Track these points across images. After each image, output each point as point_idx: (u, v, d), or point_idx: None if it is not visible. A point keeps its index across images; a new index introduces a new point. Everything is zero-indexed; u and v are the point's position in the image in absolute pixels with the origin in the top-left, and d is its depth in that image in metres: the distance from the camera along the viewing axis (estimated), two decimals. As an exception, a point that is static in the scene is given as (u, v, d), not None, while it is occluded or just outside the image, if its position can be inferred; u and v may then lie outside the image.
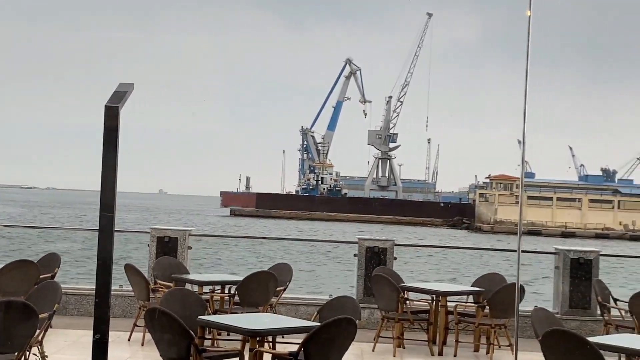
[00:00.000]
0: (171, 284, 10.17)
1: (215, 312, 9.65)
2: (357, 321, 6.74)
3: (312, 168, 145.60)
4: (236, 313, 9.40)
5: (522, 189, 7.33)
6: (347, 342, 6.60)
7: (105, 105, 5.42)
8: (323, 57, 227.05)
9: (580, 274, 11.66)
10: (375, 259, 11.86)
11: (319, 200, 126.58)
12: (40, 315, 6.68)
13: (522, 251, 7.73)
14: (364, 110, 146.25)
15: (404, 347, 10.20)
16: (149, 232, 12.14)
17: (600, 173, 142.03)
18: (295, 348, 6.50)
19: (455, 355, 9.92)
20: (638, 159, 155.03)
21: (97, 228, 5.36)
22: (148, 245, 12.05)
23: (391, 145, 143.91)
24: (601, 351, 6.26)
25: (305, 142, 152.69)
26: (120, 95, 5.59)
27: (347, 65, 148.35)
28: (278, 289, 10.35)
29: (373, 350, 9.97)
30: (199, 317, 7.24)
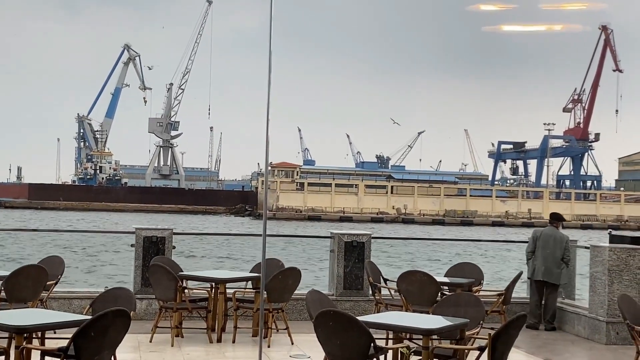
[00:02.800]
0: None
1: (-21, 310, 9.04)
2: (131, 312, 6.59)
3: (89, 157, 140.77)
4: (2, 310, 8.86)
5: (266, 176, 7.46)
6: (120, 334, 6.43)
7: None
8: (101, 42, 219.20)
9: (353, 256, 12.16)
10: (153, 248, 11.66)
11: (97, 190, 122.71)
12: None
13: (302, 236, 7.92)
14: (144, 98, 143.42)
15: (182, 337, 10.13)
16: None
17: (375, 160, 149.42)
18: (64, 343, 6.24)
19: (233, 342, 9.99)
20: (409, 146, 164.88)
21: None
22: None
23: (173, 133, 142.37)
24: (370, 329, 6.56)
25: (82, 130, 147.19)
26: None
27: (126, 50, 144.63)
28: (49, 282, 9.88)
29: (151, 341, 9.80)
30: (-42, 316, 6.74)
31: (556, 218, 12.53)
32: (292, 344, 9.98)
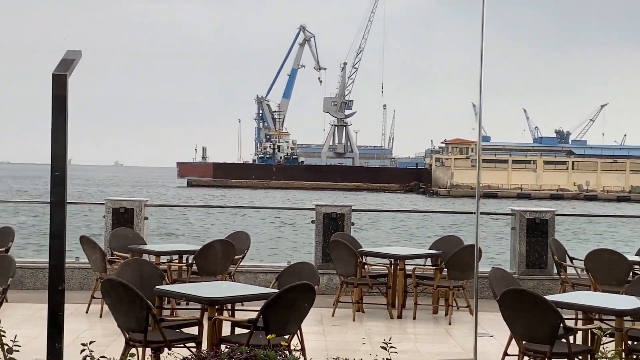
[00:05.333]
0: (128, 255, 10.06)
1: (173, 282, 9.57)
2: (315, 287, 6.73)
3: (268, 137, 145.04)
4: (194, 282, 9.34)
5: (479, 152, 7.35)
6: (306, 308, 6.59)
7: (53, 74, 5.28)
8: (277, 25, 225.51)
9: (536, 233, 11.80)
10: (332, 225, 11.86)
11: (275, 169, 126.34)
12: (-7, 290, 6.56)
13: (480, 213, 7.78)
14: (319, 78, 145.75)
15: (363, 312, 10.26)
16: (104, 204, 11.97)
17: (554, 135, 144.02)
18: (254, 315, 6.47)
19: (414, 318, 10.00)
20: (591, 120, 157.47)
21: (49, 200, 5.25)
22: (104, 216, 11.89)
23: (347, 112, 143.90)
24: (558, 309, 6.34)
25: (260, 111, 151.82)
26: (67, 63, 5.45)
27: (301, 32, 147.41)
28: (236, 257, 10.31)
29: (333, 315, 10.00)
30: (157, 287, 7.16)
31: None
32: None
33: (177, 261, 10.55)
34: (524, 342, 6.54)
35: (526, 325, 6.43)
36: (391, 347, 4.94)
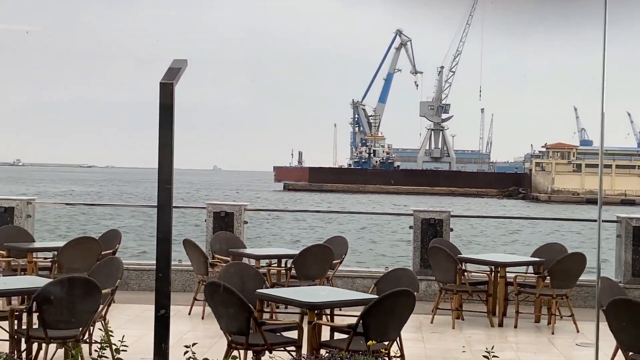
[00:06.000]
0: (229, 258, 10.25)
1: (272, 286, 9.70)
2: (415, 293, 6.70)
3: (364, 141, 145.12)
4: (293, 286, 9.43)
5: (601, 157, 7.14)
6: (406, 314, 6.57)
7: (160, 82, 5.43)
8: (373, 29, 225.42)
9: (643, 242, 11.40)
10: (431, 230, 11.77)
11: (371, 173, 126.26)
12: (103, 291, 6.79)
13: (584, 220, 7.57)
14: (415, 82, 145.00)
15: (462, 319, 10.14)
16: (205, 208, 12.24)
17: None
18: (352, 320, 6.49)
19: (515, 327, 9.81)
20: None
21: (156, 204, 5.40)
22: (205, 220, 12.16)
23: (443, 116, 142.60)
24: (668, 320, 6.11)
25: (356, 116, 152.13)
26: (174, 72, 5.60)
27: (398, 36, 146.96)
28: (334, 261, 10.36)
29: (432, 322, 9.92)
30: (258, 290, 7.27)
31: None
32: (578, 331, 9.59)
33: (276, 265, 10.69)
34: (630, 353, 6.33)
35: (633, 336, 6.23)
36: (493, 356, 4.87)
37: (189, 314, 10.12)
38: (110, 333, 6.76)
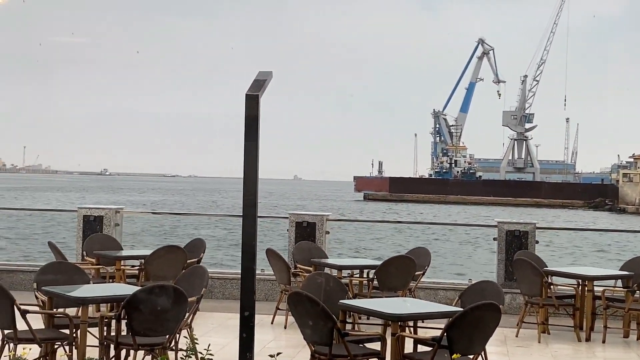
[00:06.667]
0: (311, 268, 10.30)
1: (354, 297, 9.69)
2: (500, 306, 6.59)
3: (445, 151, 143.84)
4: (376, 297, 9.40)
5: None
6: (491, 328, 6.46)
7: (246, 94, 5.49)
8: (454, 38, 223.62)
9: None
10: (516, 242, 11.57)
11: (452, 184, 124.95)
12: (190, 299, 6.91)
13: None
14: (497, 91, 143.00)
15: (548, 333, 9.92)
16: (287, 218, 12.34)
17: None
18: (436, 333, 6.42)
19: (603, 342, 9.54)
20: None
21: (241, 214, 5.47)
22: (287, 230, 12.25)
23: (527, 125, 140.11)
24: None
25: (437, 125, 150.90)
26: (260, 84, 5.66)
27: (480, 45, 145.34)
28: (417, 273, 10.28)
29: (517, 336, 9.74)
30: (341, 301, 7.28)
31: None
32: (670, 349, 9.26)
33: (358, 275, 10.68)
34: None
35: None
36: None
37: (272, 323, 10.20)
38: (195, 341, 6.88)
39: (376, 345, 6.81)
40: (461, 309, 6.57)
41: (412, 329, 7.44)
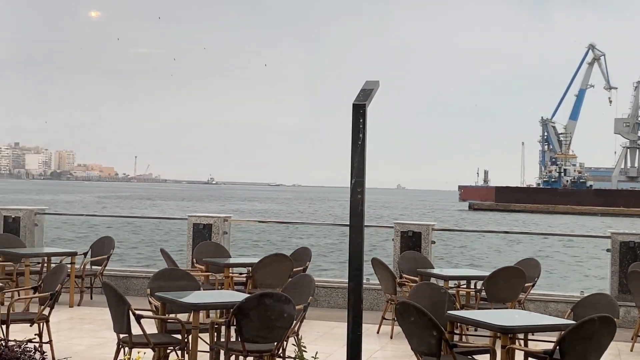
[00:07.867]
0: (417, 278, 10.22)
1: (462, 308, 9.56)
2: (615, 320, 6.37)
3: (553, 160, 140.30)
4: (483, 309, 9.25)
5: None
6: (606, 342, 6.25)
7: (353, 104, 5.50)
8: (563, 44, 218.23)
9: None
10: (630, 254, 11.16)
11: (562, 193, 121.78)
12: (297, 307, 6.98)
13: None
14: (609, 98, 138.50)
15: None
16: (393, 227, 12.29)
17: None
18: (547, 346, 6.26)
19: None
20: None
21: (347, 223, 5.48)
22: (392, 239, 12.21)
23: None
24: None
25: (545, 133, 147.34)
26: (367, 93, 5.66)
27: (590, 51, 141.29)
28: (526, 284, 10.06)
29: (631, 350, 9.39)
30: (449, 312, 7.19)
31: None
32: None
33: (465, 286, 10.53)
34: None
35: None
36: None
37: (378, 332, 10.17)
38: (303, 348, 6.93)
39: (485, 358, 6.70)
40: (574, 322, 6.39)
41: (522, 341, 7.28)
